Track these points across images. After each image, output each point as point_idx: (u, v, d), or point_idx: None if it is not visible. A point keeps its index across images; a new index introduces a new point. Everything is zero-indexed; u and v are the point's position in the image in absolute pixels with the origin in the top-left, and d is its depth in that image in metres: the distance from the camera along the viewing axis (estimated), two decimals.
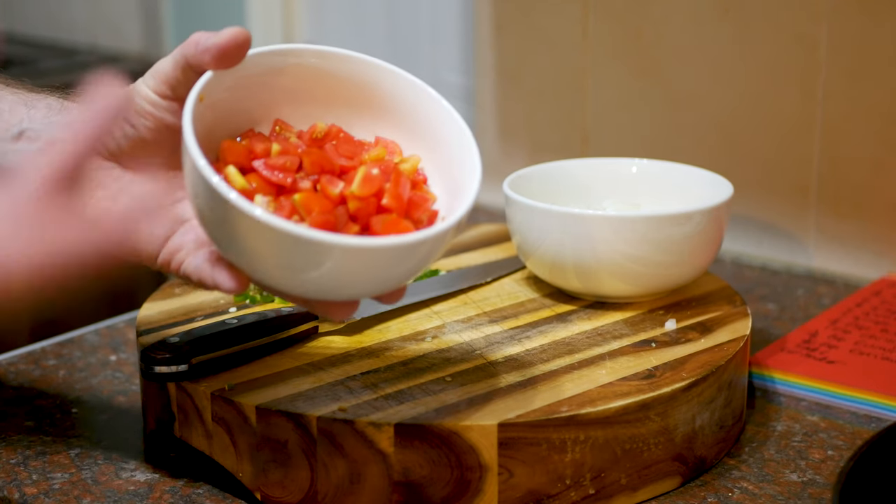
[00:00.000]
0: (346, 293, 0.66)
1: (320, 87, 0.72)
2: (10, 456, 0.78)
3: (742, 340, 0.80)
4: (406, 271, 0.65)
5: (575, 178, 0.95)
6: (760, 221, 1.17)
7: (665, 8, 1.18)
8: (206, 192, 0.62)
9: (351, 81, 0.72)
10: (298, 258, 0.62)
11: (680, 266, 0.85)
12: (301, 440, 0.70)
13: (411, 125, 0.72)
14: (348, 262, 0.62)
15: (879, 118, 1.08)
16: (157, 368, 0.73)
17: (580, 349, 0.79)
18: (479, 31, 1.34)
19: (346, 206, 0.66)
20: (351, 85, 0.72)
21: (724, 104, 1.17)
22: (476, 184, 0.67)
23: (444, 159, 0.71)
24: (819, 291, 1.09)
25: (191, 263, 0.70)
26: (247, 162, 0.67)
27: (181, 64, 0.70)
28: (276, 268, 0.64)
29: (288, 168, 0.67)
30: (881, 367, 0.90)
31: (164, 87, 0.71)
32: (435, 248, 0.65)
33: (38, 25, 2.07)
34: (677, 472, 0.75)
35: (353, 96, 0.72)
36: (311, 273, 0.63)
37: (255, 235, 0.62)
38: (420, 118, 0.72)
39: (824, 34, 1.09)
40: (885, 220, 1.09)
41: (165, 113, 0.71)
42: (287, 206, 0.65)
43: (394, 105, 0.72)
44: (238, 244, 0.64)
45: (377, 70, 0.72)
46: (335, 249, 0.61)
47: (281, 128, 0.71)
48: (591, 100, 1.25)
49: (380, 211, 0.67)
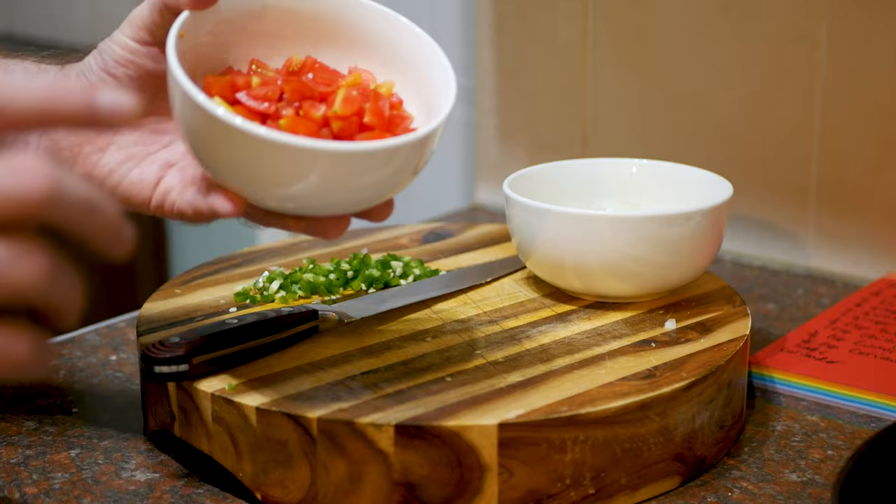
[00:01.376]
0: (334, 206, 0.69)
1: (294, 27, 0.75)
2: (10, 456, 0.78)
3: (742, 340, 0.80)
4: (388, 178, 0.67)
5: (575, 178, 0.95)
6: (760, 221, 1.17)
7: (665, 8, 1.18)
8: (195, 113, 0.65)
9: (324, 18, 0.75)
10: (285, 167, 0.65)
11: (680, 266, 0.85)
12: (301, 440, 0.70)
13: (384, 53, 0.75)
14: (333, 168, 0.64)
15: (879, 118, 1.08)
16: (158, 368, 0.73)
17: (580, 349, 0.79)
18: (479, 31, 1.34)
19: (329, 127, 0.69)
20: (324, 22, 0.75)
21: (724, 104, 1.17)
22: (451, 98, 0.70)
23: (419, 82, 0.74)
24: (818, 291, 1.09)
25: (184, 199, 0.72)
26: (230, 94, 0.70)
27: (158, 6, 0.71)
28: (266, 182, 0.66)
29: (270, 97, 0.69)
30: (881, 367, 0.90)
31: (143, 33, 0.72)
32: (413, 155, 0.67)
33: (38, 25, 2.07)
34: (677, 471, 0.75)
35: (327, 32, 0.75)
36: (299, 184, 0.65)
37: (242, 148, 0.64)
38: (392, 46, 0.75)
39: (824, 34, 1.09)
40: (884, 220, 1.09)
41: (146, 59, 0.73)
42: None
43: (366, 36, 0.75)
44: (228, 161, 0.66)
45: (348, 4, 0.75)
46: (320, 155, 0.64)
47: (257, 65, 0.73)
48: (591, 100, 1.25)
49: (362, 129, 0.69)
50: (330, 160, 0.64)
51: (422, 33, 0.74)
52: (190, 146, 0.68)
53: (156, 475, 0.76)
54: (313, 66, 0.73)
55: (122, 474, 0.76)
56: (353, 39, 0.75)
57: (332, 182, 0.66)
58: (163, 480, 0.76)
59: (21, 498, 0.74)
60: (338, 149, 0.64)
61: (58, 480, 0.75)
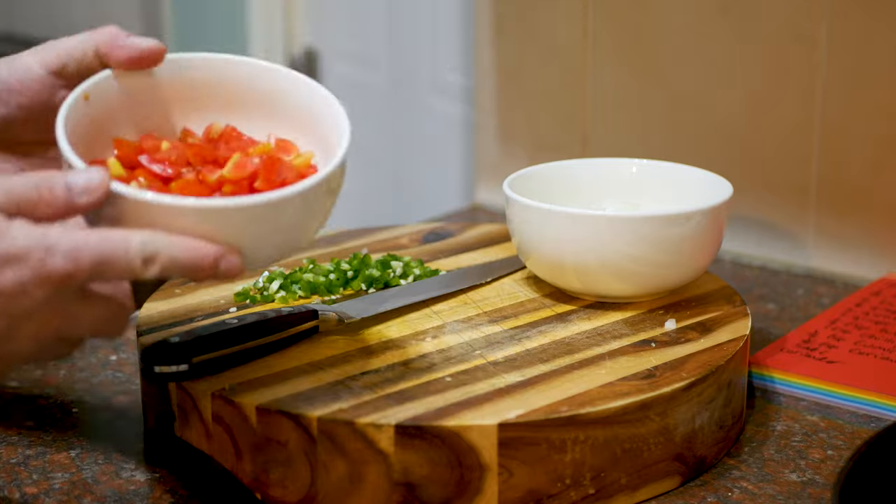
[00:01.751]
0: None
1: (216, 93, 0.75)
2: (10, 456, 0.78)
3: (742, 340, 0.80)
4: (274, 234, 0.66)
5: (575, 178, 0.95)
6: (760, 221, 1.17)
7: (665, 8, 1.18)
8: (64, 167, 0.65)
9: (245, 85, 0.75)
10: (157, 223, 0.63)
11: (679, 266, 0.85)
12: (301, 440, 0.70)
13: (300, 118, 0.74)
14: (203, 224, 0.63)
15: (879, 118, 1.08)
16: (158, 368, 0.73)
17: (580, 349, 0.79)
18: (479, 31, 1.34)
19: (221, 191, 0.68)
20: (245, 89, 0.75)
21: (724, 104, 1.17)
22: (343, 145, 0.68)
23: (325, 141, 0.72)
24: (818, 291, 1.09)
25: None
26: (133, 157, 0.70)
27: (89, 48, 0.70)
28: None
29: (173, 161, 0.69)
30: (881, 366, 0.90)
31: (58, 63, 0.71)
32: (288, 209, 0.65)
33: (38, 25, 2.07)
34: (677, 471, 0.75)
35: (249, 99, 0.75)
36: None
37: (112, 206, 0.63)
38: (300, 108, 0.74)
39: (824, 34, 1.09)
40: (884, 220, 1.09)
41: (45, 88, 0.72)
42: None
43: (285, 103, 0.74)
44: (107, 216, 0.65)
45: (263, 71, 0.74)
46: (186, 210, 0.63)
47: (185, 134, 0.73)
48: (591, 100, 1.25)
49: (253, 192, 0.68)
50: (196, 215, 0.63)
51: (312, 84, 0.73)
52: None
53: (156, 475, 0.76)
54: (231, 135, 0.73)
55: (122, 474, 0.76)
56: (276, 106, 0.75)
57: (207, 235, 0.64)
58: (163, 480, 0.76)
59: (21, 498, 0.74)
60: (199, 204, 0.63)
61: (58, 480, 0.75)
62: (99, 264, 0.60)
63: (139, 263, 0.61)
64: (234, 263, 0.63)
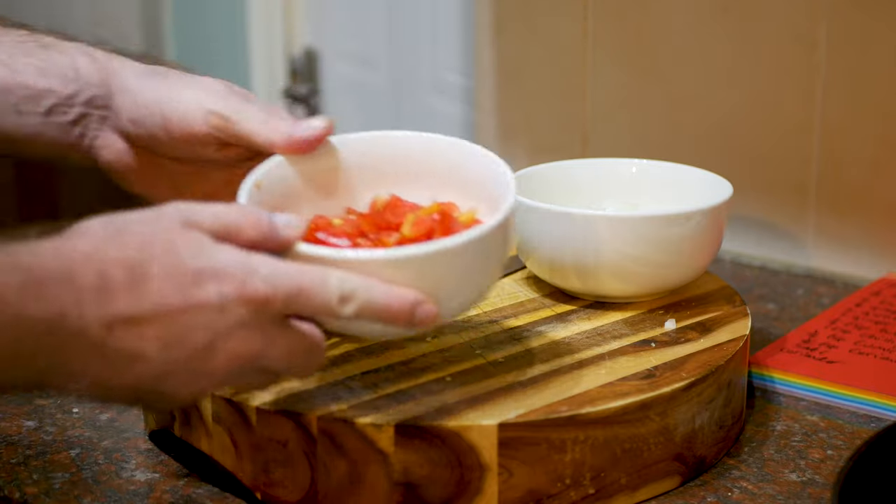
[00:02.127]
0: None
1: (378, 168, 0.76)
2: (10, 456, 0.78)
3: (742, 340, 0.80)
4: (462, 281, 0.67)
5: (575, 178, 0.95)
6: (760, 221, 1.17)
7: (665, 8, 1.18)
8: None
9: (403, 157, 0.77)
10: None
11: (679, 266, 0.85)
12: (301, 440, 0.70)
13: (459, 179, 0.76)
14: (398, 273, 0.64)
15: (879, 118, 1.08)
16: None
17: (580, 349, 0.79)
18: (479, 31, 1.34)
19: None
20: (403, 160, 0.77)
21: (724, 104, 1.17)
22: (509, 200, 0.69)
23: (484, 197, 0.74)
24: (818, 291, 1.09)
25: None
26: (311, 236, 0.70)
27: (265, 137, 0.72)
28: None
29: (350, 233, 0.71)
30: (881, 366, 0.90)
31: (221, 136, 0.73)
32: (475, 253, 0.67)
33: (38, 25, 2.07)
34: (677, 471, 0.75)
35: (408, 169, 0.77)
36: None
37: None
38: (458, 169, 0.76)
39: (824, 34, 1.09)
40: (884, 220, 1.09)
41: (203, 140, 0.74)
42: None
43: (443, 167, 0.76)
44: None
45: (422, 142, 0.77)
46: (382, 263, 0.64)
47: (348, 213, 0.75)
48: (591, 100, 1.26)
49: None
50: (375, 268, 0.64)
51: (477, 149, 0.76)
52: None
53: (156, 475, 0.76)
54: (396, 203, 0.74)
55: (122, 474, 0.76)
56: (436, 172, 0.77)
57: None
58: (163, 480, 0.76)
59: (21, 498, 0.74)
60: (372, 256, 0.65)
61: (58, 480, 0.75)
62: (297, 294, 0.61)
63: (336, 300, 0.62)
64: (431, 311, 0.64)
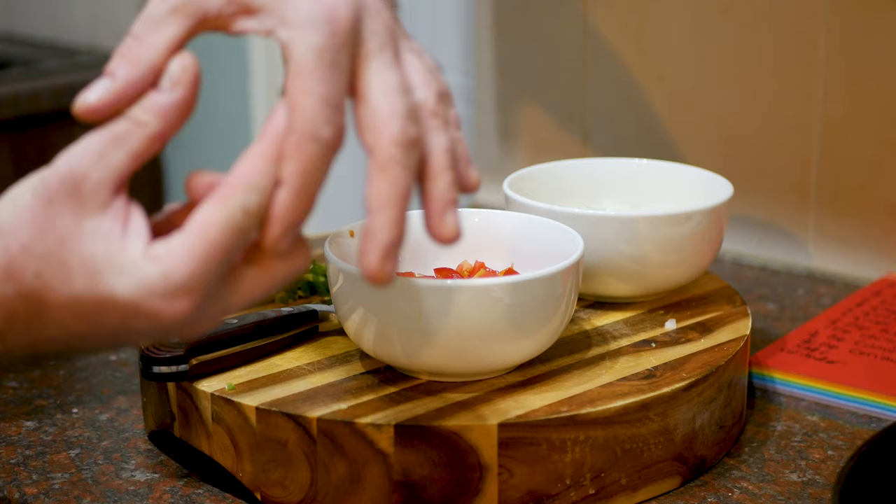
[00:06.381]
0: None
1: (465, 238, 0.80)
2: (10, 456, 0.78)
3: (742, 340, 0.80)
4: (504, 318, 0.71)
5: (575, 178, 0.95)
6: (760, 221, 1.17)
7: (665, 8, 1.18)
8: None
9: (489, 230, 0.83)
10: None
11: (680, 266, 0.85)
12: (301, 440, 0.70)
13: (537, 249, 0.81)
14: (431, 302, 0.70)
15: (879, 118, 1.08)
16: (157, 368, 0.73)
17: (580, 349, 0.79)
18: (479, 31, 1.34)
19: None
20: (487, 232, 0.83)
21: (724, 104, 1.17)
22: (575, 254, 0.75)
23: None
24: (819, 291, 1.09)
25: None
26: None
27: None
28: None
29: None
30: (881, 367, 0.90)
31: None
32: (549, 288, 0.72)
33: (38, 25, 2.07)
34: (677, 472, 0.75)
35: (490, 240, 0.82)
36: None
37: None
38: (536, 240, 0.81)
39: (824, 34, 1.09)
40: (884, 220, 1.09)
41: None
42: None
43: (523, 239, 0.82)
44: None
45: (498, 217, 0.83)
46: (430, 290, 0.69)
47: (437, 273, 0.80)
48: (591, 100, 1.26)
49: None
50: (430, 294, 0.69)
51: (544, 220, 0.81)
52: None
53: (156, 475, 0.76)
54: (481, 268, 0.80)
55: (122, 474, 0.76)
56: (508, 242, 0.82)
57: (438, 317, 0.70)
58: (163, 480, 0.76)
59: (21, 498, 0.74)
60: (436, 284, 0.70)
61: (58, 480, 0.75)
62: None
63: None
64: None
